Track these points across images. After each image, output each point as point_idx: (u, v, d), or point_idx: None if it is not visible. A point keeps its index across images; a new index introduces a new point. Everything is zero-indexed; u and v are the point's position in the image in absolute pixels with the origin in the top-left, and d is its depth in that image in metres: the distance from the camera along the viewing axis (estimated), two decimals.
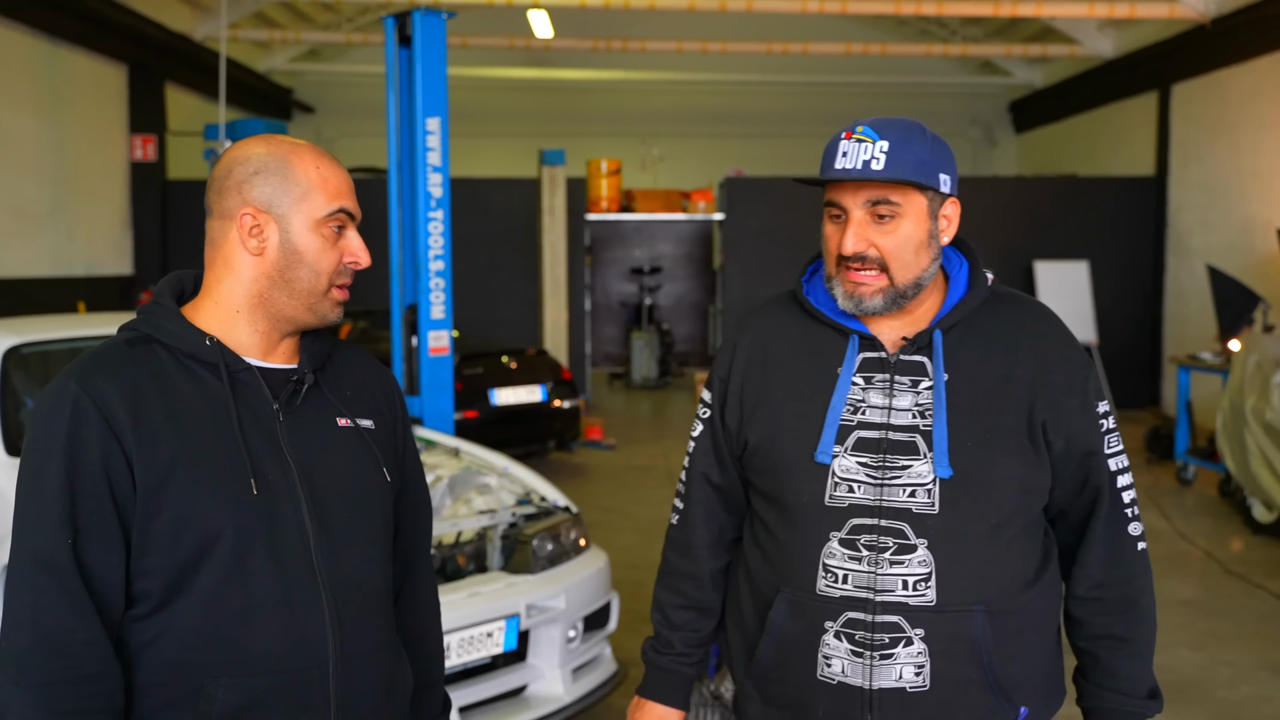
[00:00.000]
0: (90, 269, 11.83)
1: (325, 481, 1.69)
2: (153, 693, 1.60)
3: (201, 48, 13.57)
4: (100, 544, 1.56)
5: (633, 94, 17.98)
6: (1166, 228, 13.02)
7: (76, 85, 11.51)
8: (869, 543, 1.78)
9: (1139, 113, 13.67)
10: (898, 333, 1.87)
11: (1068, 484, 1.88)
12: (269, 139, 1.72)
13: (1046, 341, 1.89)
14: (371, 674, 1.72)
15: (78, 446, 1.56)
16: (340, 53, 17.46)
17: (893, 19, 16.53)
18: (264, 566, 1.61)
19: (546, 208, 11.75)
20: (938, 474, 1.77)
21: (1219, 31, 11.51)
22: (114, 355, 1.66)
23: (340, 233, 1.72)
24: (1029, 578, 1.84)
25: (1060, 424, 1.84)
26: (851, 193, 1.81)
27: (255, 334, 1.70)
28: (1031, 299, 1.98)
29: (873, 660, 1.78)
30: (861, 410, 1.83)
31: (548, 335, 11.72)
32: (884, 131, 1.78)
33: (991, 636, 1.78)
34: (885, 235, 1.80)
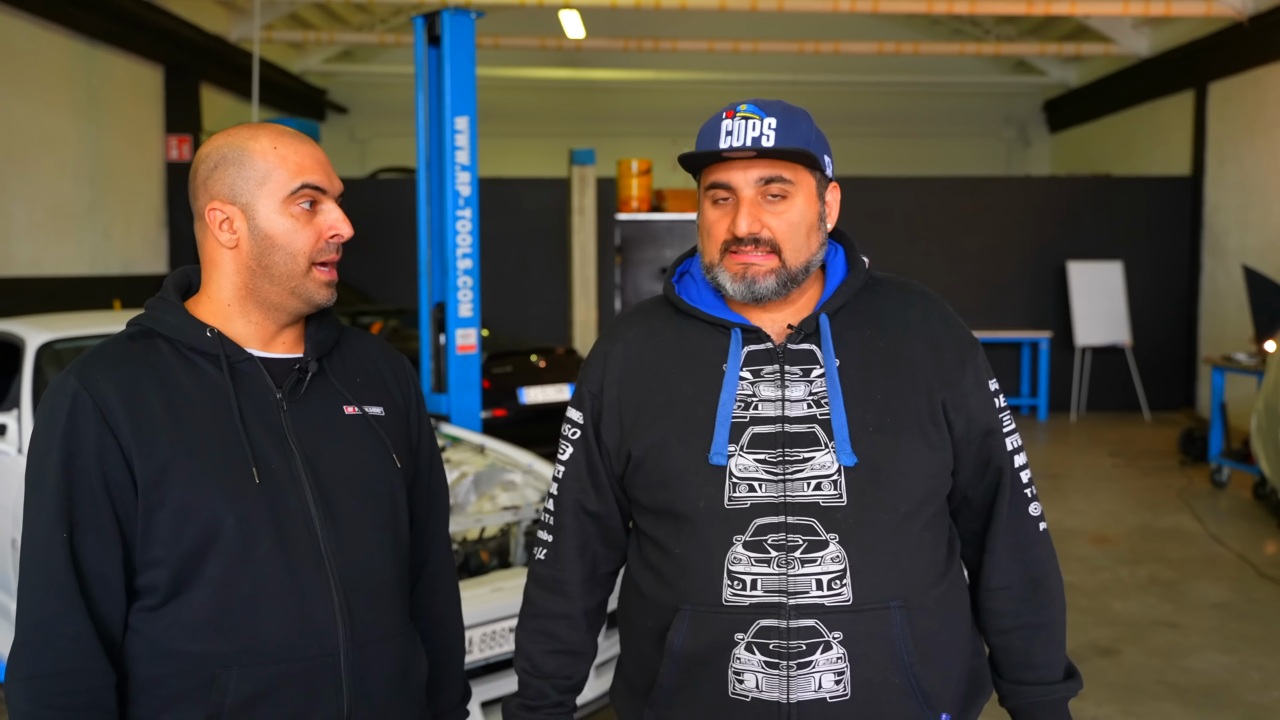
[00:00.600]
0: (126, 268, 11.96)
1: (331, 469, 1.70)
2: (165, 684, 1.61)
3: (236, 49, 13.70)
4: (96, 538, 1.58)
5: (663, 94, 17.99)
6: (1202, 228, 12.89)
7: (113, 86, 11.66)
8: (777, 542, 1.67)
9: (1175, 112, 13.53)
10: (782, 323, 1.79)
11: (970, 466, 1.82)
12: (229, 131, 1.71)
13: (934, 321, 1.83)
14: (384, 662, 1.72)
15: (74, 441, 1.58)
16: (373, 53, 17.58)
17: (925, 18, 16.44)
18: (270, 555, 1.62)
19: (576, 207, 11.78)
20: (841, 462, 1.68)
21: (1257, 29, 11.37)
22: (114, 350, 1.67)
23: (313, 209, 1.69)
24: (940, 569, 1.76)
25: (959, 403, 1.78)
26: (742, 170, 1.72)
27: (250, 325, 1.71)
28: (912, 281, 1.92)
29: (789, 671, 1.65)
30: (754, 405, 1.72)
31: (577, 334, 11.74)
32: (769, 109, 1.72)
33: (910, 635, 1.69)
34: (777, 216, 1.72)
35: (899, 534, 1.70)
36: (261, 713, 1.61)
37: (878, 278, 1.88)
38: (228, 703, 1.59)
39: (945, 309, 1.87)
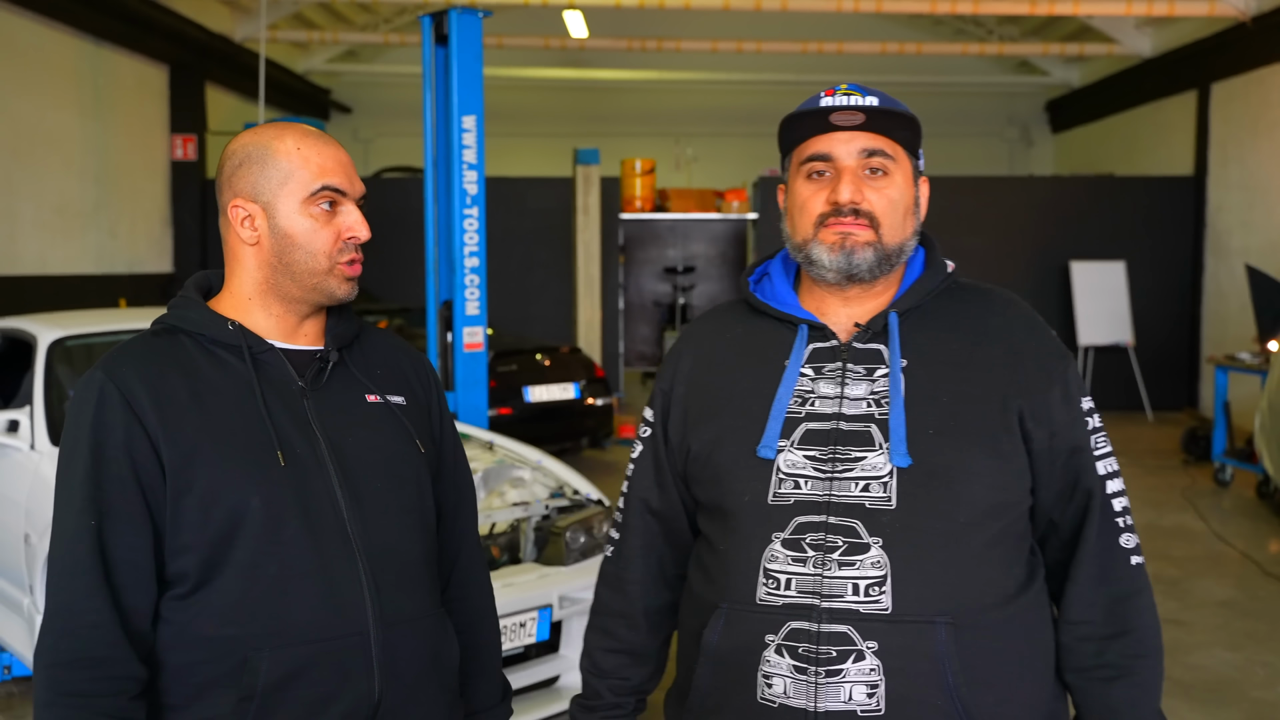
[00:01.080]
0: (132, 267, 11.99)
1: (355, 453, 1.71)
2: (198, 671, 1.62)
3: (241, 48, 13.74)
4: (126, 527, 1.59)
5: (667, 94, 18.02)
6: (1205, 228, 12.91)
7: (119, 85, 11.69)
8: (815, 542, 1.59)
9: (1178, 112, 13.55)
10: (850, 320, 1.73)
11: (1054, 486, 1.68)
12: (256, 130, 1.74)
13: (1018, 327, 1.72)
14: (414, 643, 1.72)
15: (102, 431, 1.60)
16: (377, 53, 17.61)
17: (928, 18, 16.46)
18: (297, 537, 1.63)
19: (580, 207, 11.80)
20: (895, 464, 1.59)
21: (1260, 30, 11.39)
22: (139, 345, 1.71)
23: (333, 210, 1.71)
24: (1008, 593, 1.62)
25: (1040, 414, 1.65)
26: (845, 141, 1.67)
27: (271, 318, 1.73)
28: (999, 288, 1.81)
29: (818, 677, 1.56)
30: (810, 401, 1.67)
31: (581, 334, 11.77)
32: (870, 91, 1.70)
33: (958, 655, 1.56)
34: (878, 191, 1.67)
35: (954, 545, 1.59)
36: (293, 694, 1.62)
37: (961, 283, 1.78)
38: (260, 684, 1.60)
39: (1033, 317, 1.75)
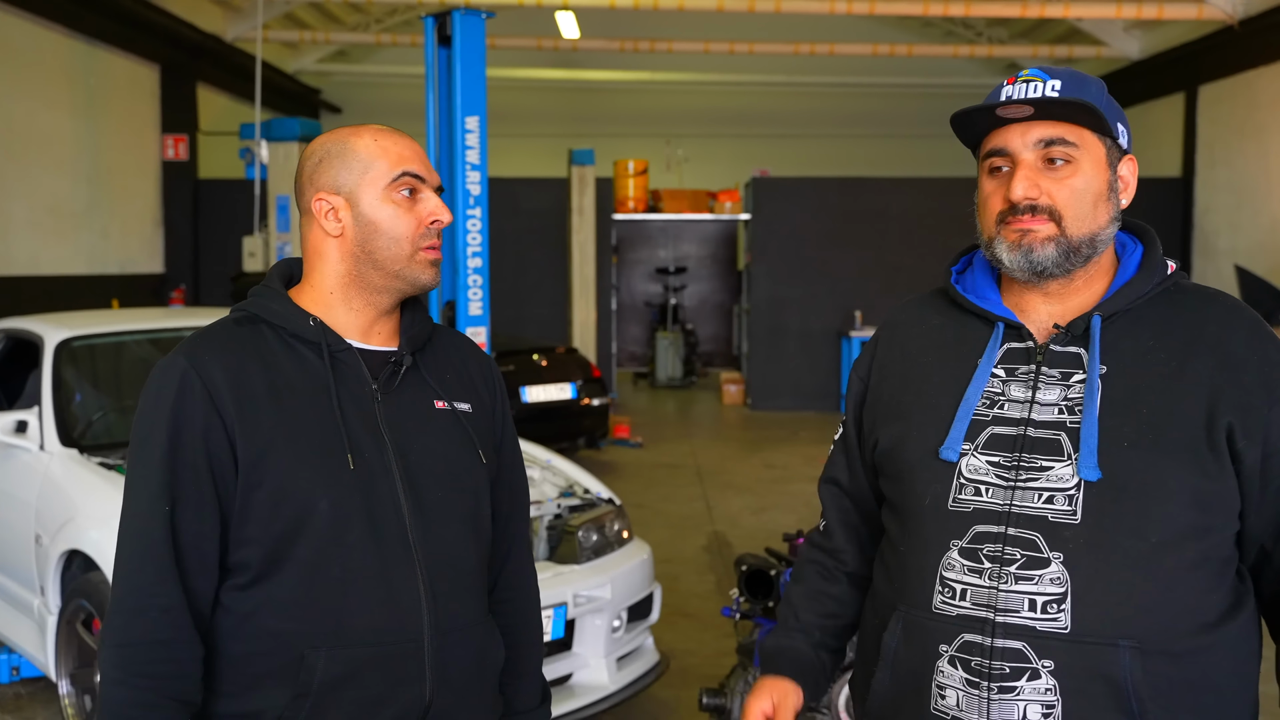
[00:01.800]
0: (124, 267, 11.96)
1: (420, 460, 1.73)
2: (254, 662, 1.64)
3: (232, 48, 13.72)
4: (196, 513, 1.62)
5: (658, 95, 18.05)
6: (1193, 229, 13.02)
7: (111, 85, 11.66)
8: (992, 553, 1.53)
9: (1165, 114, 13.66)
10: (1048, 320, 1.63)
11: (1266, 512, 1.56)
12: (331, 131, 1.79)
13: (1239, 337, 1.58)
14: (465, 650, 1.75)
15: (181, 418, 1.62)
16: (368, 53, 17.59)
17: (919, 20, 16.54)
18: (361, 540, 1.65)
19: (576, 207, 11.83)
20: (1083, 477, 1.51)
21: (1247, 33, 11.50)
22: (221, 333, 1.72)
23: (413, 196, 1.73)
24: (1207, 621, 1.52)
25: (1253, 430, 1.52)
26: (1020, 134, 1.58)
27: (352, 313, 1.75)
28: (1225, 294, 1.67)
29: (990, 693, 1.51)
30: (999, 404, 1.59)
31: (576, 334, 11.79)
32: (1055, 73, 1.58)
33: (1145, 682, 1.48)
34: (1058, 181, 1.57)
35: (1145, 566, 1.50)
36: (347, 694, 1.64)
37: (1182, 286, 1.66)
38: (316, 682, 1.62)
39: (1257, 326, 1.61)
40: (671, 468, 9.77)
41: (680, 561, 6.49)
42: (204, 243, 13.16)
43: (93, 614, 3.68)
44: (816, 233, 13.27)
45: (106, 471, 4.00)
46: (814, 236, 13.26)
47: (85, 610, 3.73)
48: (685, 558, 6.64)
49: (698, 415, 13.52)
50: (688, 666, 4.84)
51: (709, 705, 3.70)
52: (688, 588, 6.07)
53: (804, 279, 13.24)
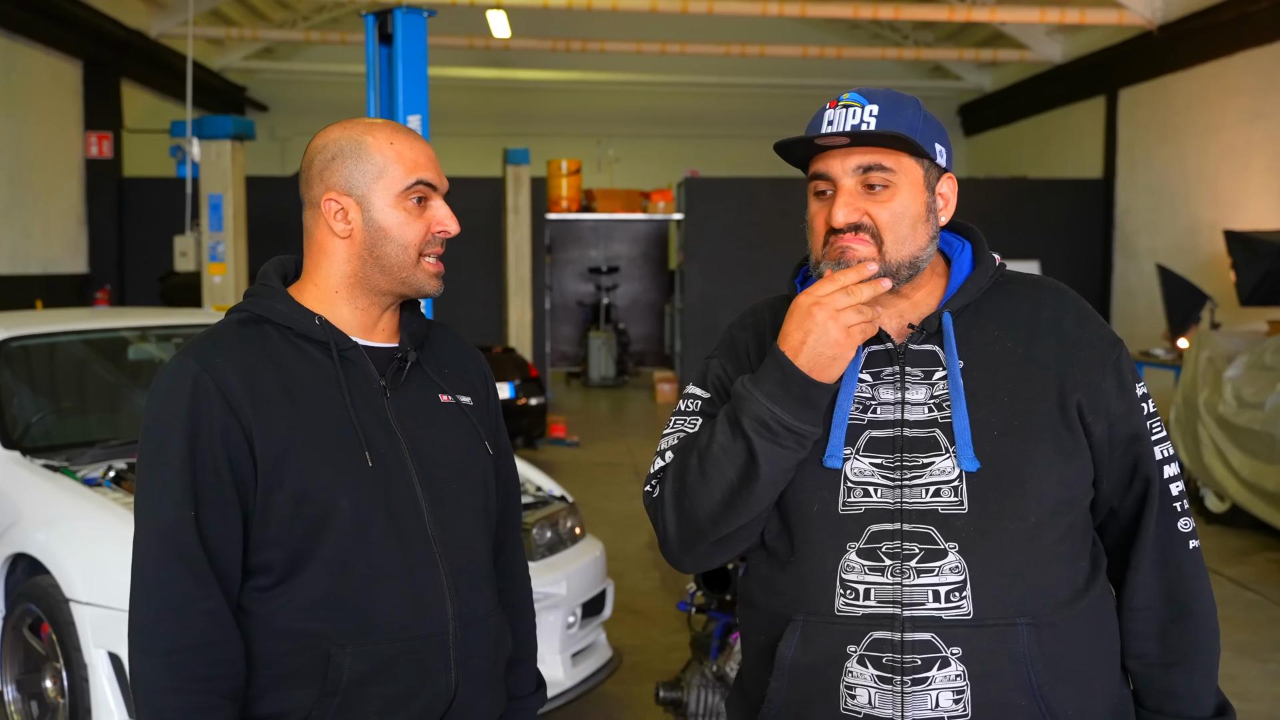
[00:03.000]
0: (46, 267, 11.69)
1: (433, 454, 1.74)
2: (277, 663, 1.64)
3: (157, 44, 13.47)
4: (219, 516, 1.61)
5: (589, 94, 18.07)
6: (1114, 229, 13.37)
7: (32, 81, 11.38)
8: (891, 550, 1.58)
9: (1087, 116, 14.00)
10: (902, 321, 1.69)
11: (1114, 475, 1.68)
12: (345, 124, 1.76)
13: (1069, 318, 1.70)
14: (484, 640, 1.78)
15: (198, 422, 1.61)
16: (295, 50, 17.36)
17: (846, 23, 16.76)
18: (383, 537, 1.67)
19: (511, 206, 11.80)
20: (963, 468, 1.58)
21: (1165, 38, 11.83)
22: (228, 334, 1.71)
23: (423, 204, 1.74)
24: (1078, 587, 1.63)
25: (1098, 405, 1.64)
26: (840, 159, 1.62)
27: (356, 311, 1.75)
28: (1047, 279, 1.79)
29: (904, 687, 1.56)
30: (872, 408, 1.64)
31: (512, 334, 11.76)
32: (873, 97, 1.63)
33: (1039, 655, 1.57)
34: (879, 205, 1.61)
35: (1028, 545, 1.59)
36: (375, 690, 1.65)
37: (1008, 275, 1.75)
38: (343, 680, 1.63)
39: (1082, 306, 1.73)
40: (610, 466, 9.81)
41: (624, 559, 6.53)
42: (129, 242, 12.90)
43: (40, 618, 3.62)
44: (748, 232, 13.40)
45: (51, 474, 3.93)
46: (745, 236, 13.39)
47: (32, 615, 3.66)
48: (629, 555, 6.68)
49: (632, 414, 13.58)
50: (638, 662, 4.88)
51: (665, 699, 3.74)
52: (633, 585, 6.11)
53: (736, 278, 13.35)
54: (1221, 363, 7.59)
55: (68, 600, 3.47)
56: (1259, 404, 6.94)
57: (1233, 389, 7.29)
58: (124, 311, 6.62)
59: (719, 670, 3.59)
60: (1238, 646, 5.26)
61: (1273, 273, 8.95)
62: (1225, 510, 7.59)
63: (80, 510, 3.68)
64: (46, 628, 3.60)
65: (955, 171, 1.74)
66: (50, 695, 3.64)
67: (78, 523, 3.66)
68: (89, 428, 4.64)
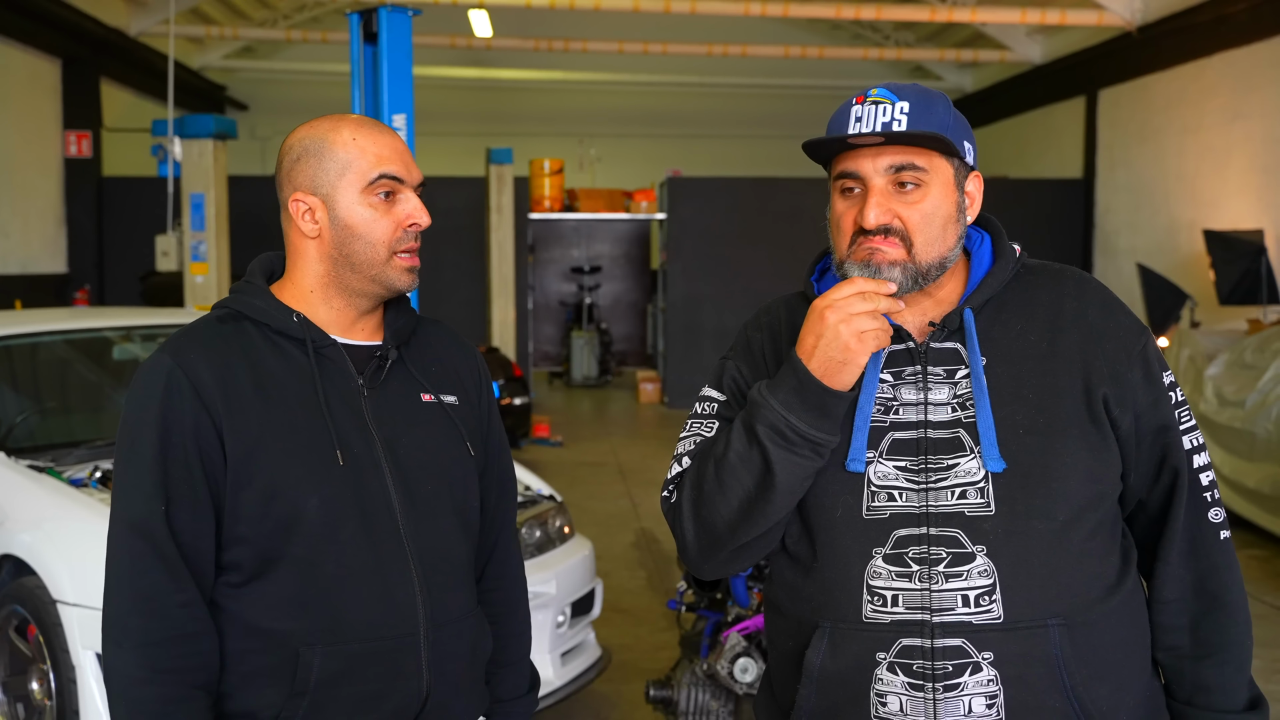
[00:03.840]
0: (25, 267, 11.60)
1: (409, 454, 1.73)
2: (247, 660, 1.63)
3: (137, 43, 13.38)
4: (191, 511, 1.61)
5: (571, 94, 18.06)
6: (1094, 228, 13.44)
7: (10, 80, 11.30)
8: (918, 555, 1.55)
9: (1067, 117, 14.08)
10: (923, 319, 1.65)
11: (1142, 467, 1.65)
12: (313, 122, 1.74)
13: (1092, 309, 1.66)
14: (458, 641, 1.76)
15: (170, 417, 1.61)
16: (275, 50, 17.29)
17: (827, 23, 16.80)
18: (354, 536, 1.65)
19: (494, 206, 11.78)
20: (988, 468, 1.55)
21: (1145, 39, 11.91)
22: (204, 331, 1.71)
23: (390, 198, 1.70)
24: (1110, 583, 1.60)
25: (1124, 398, 1.61)
26: (871, 158, 1.59)
27: (332, 311, 1.73)
28: (1069, 268, 1.74)
29: (935, 693, 1.53)
30: (894, 409, 1.61)
31: (496, 334, 11.74)
32: (902, 93, 1.61)
33: (1073, 655, 1.54)
34: (910, 206, 1.59)
35: (1057, 545, 1.56)
36: (344, 691, 1.64)
37: (1030, 266, 1.72)
38: (313, 680, 1.62)
39: (1106, 295, 1.69)
40: (594, 466, 9.80)
41: (610, 559, 6.53)
42: (109, 242, 12.81)
43: (27, 620, 3.59)
44: (730, 232, 13.42)
45: (36, 474, 3.90)
46: (728, 236, 13.40)
47: (19, 616, 3.63)
48: (615, 555, 6.68)
49: (615, 414, 13.57)
50: (626, 661, 4.88)
51: (656, 698, 3.74)
52: (620, 584, 6.11)
53: (718, 278, 13.36)
54: (1202, 361, 7.64)
55: (54, 601, 3.45)
56: (1240, 402, 6.99)
57: (1213, 387, 7.34)
58: (105, 311, 6.57)
59: (709, 669, 3.59)
60: None
61: (1251, 271, 9.03)
62: None
63: (66, 511, 3.65)
64: (33, 629, 3.57)
65: None
66: (37, 697, 3.61)
67: (63, 523, 3.63)
68: (73, 428, 4.61)
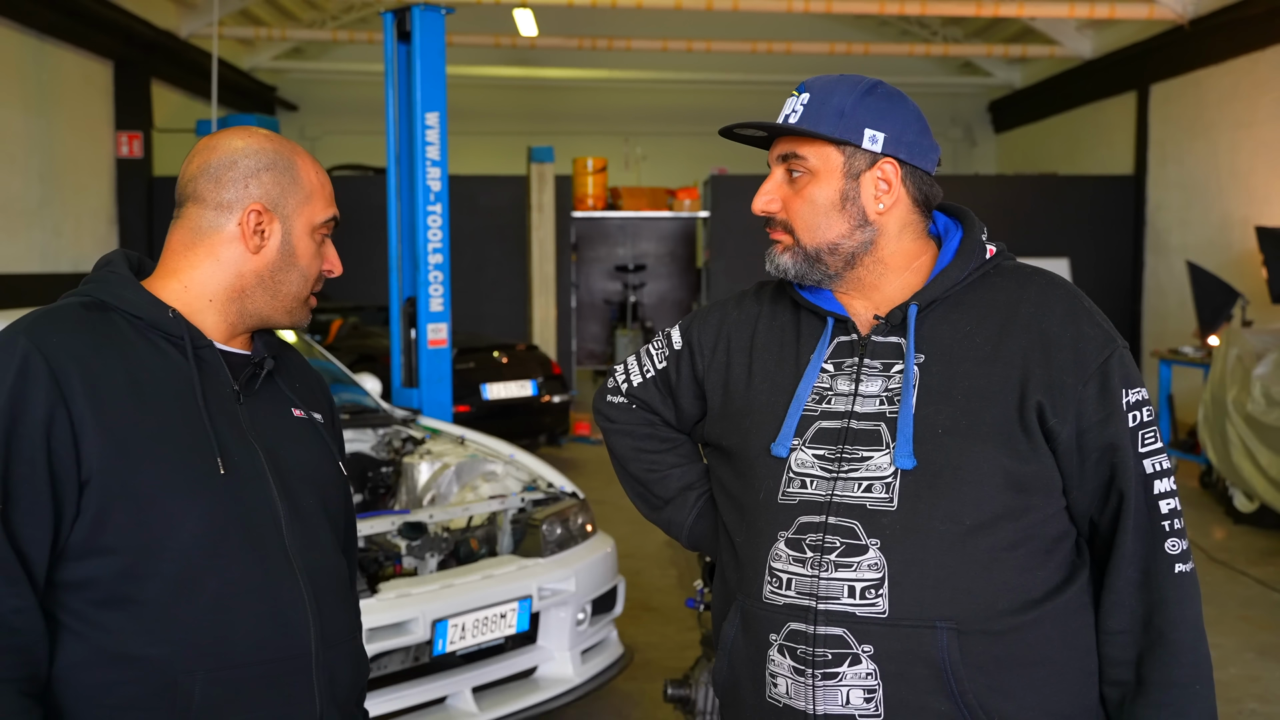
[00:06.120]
0: (77, 265, 11.80)
1: (291, 468, 1.65)
2: (114, 692, 1.48)
3: (187, 45, 13.57)
4: (28, 514, 1.44)
5: (616, 93, 18.06)
6: (1145, 226, 13.20)
7: (64, 82, 11.50)
8: (814, 542, 1.56)
9: (1117, 112, 13.85)
10: (872, 313, 1.67)
11: (1087, 485, 1.59)
12: (267, 134, 1.67)
13: (1052, 316, 1.60)
14: (347, 663, 1.68)
15: (18, 406, 1.44)
16: (324, 50, 17.46)
17: (874, 19, 16.65)
18: (238, 551, 1.54)
19: (535, 204, 11.81)
20: (898, 465, 1.54)
21: (1197, 32, 11.68)
22: (69, 315, 1.54)
23: (324, 242, 1.70)
24: (1031, 597, 1.54)
25: (1064, 408, 1.55)
26: (774, 149, 1.68)
27: (223, 324, 1.64)
28: (1043, 271, 1.68)
29: (814, 680, 1.54)
30: (827, 399, 1.63)
31: (536, 331, 11.78)
32: (812, 85, 1.66)
33: (965, 662, 1.51)
34: (795, 195, 1.65)
35: (959, 548, 1.52)
36: (230, 718, 1.53)
37: (1004, 267, 1.68)
38: (194, 709, 1.49)
39: (1075, 304, 1.62)
40: None
41: (642, 557, 6.52)
42: (158, 241, 12.99)
43: None
44: None
45: None
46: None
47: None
48: (647, 553, 6.66)
49: None
50: (652, 660, 4.87)
51: (674, 696, 3.72)
52: (650, 582, 6.10)
53: (761, 276, 13.23)
54: (1250, 360, 7.47)
55: None
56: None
57: (1261, 387, 7.18)
58: None
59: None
60: (1261, 648, 5.19)
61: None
62: (1254, 510, 7.49)
63: None
64: None
65: (986, 168, 1.76)
66: None
67: None
68: None
